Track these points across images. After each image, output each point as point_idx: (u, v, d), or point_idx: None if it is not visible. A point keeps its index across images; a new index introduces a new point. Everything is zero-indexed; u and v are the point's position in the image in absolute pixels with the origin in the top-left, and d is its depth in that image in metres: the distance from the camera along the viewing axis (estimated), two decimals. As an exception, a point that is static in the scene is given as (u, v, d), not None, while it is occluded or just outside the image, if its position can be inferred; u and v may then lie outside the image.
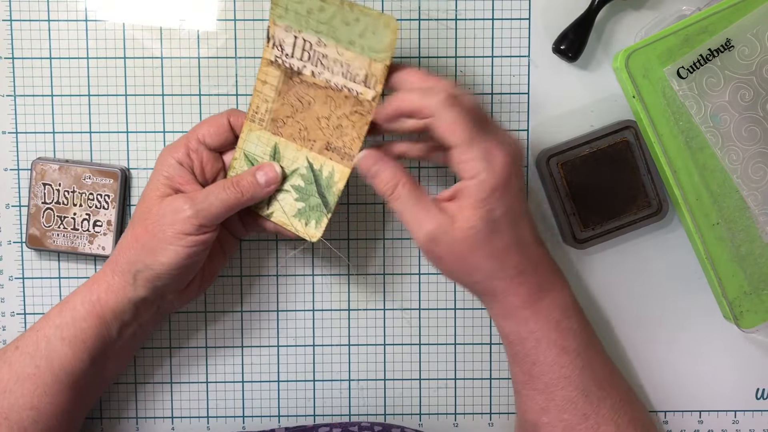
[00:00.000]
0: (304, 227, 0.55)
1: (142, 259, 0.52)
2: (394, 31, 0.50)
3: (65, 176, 0.60)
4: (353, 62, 0.52)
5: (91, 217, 0.60)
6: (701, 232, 0.59)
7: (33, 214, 0.60)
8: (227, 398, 0.63)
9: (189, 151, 0.54)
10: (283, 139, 0.55)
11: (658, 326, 0.63)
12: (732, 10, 0.57)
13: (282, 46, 0.53)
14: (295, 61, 0.53)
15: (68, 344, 0.53)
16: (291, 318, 0.63)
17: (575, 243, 0.60)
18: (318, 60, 0.53)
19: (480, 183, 0.49)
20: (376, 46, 0.51)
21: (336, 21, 0.51)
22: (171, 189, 0.54)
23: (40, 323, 0.54)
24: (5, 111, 0.61)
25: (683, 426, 0.63)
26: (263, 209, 0.56)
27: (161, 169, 0.54)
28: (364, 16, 0.50)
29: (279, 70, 0.54)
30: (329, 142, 0.54)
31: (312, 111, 0.54)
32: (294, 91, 0.54)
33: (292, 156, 0.55)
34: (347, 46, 0.51)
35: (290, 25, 0.53)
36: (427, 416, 0.63)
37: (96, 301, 0.53)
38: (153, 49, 0.61)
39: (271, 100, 0.54)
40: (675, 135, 0.58)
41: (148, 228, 0.52)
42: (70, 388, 0.54)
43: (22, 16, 0.60)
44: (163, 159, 0.54)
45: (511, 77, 0.61)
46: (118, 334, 0.55)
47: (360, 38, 0.51)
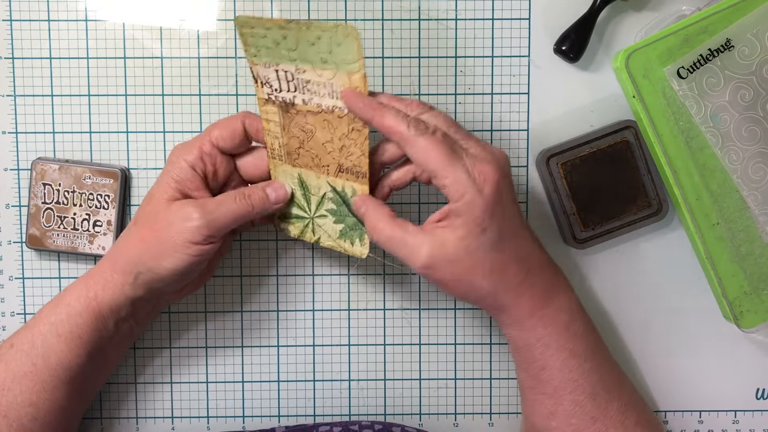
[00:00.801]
0: (351, 246, 0.55)
1: (146, 262, 0.52)
2: (356, 38, 0.48)
3: (65, 176, 0.60)
4: (334, 80, 0.51)
5: (91, 217, 0.60)
6: (701, 232, 0.59)
7: (33, 214, 0.60)
8: (227, 398, 0.63)
9: (202, 154, 0.53)
10: (303, 170, 0.55)
11: (658, 326, 0.63)
12: (732, 10, 0.57)
13: (269, 82, 0.53)
14: (286, 94, 0.53)
15: (64, 341, 0.53)
16: (291, 318, 0.63)
17: (575, 243, 0.60)
18: (304, 87, 0.52)
19: (468, 204, 0.48)
20: (346, 58, 0.49)
21: (302, 44, 0.50)
22: (180, 193, 0.53)
23: (34, 321, 0.54)
24: (5, 111, 0.61)
25: (683, 426, 0.63)
26: (310, 237, 0.57)
27: (171, 171, 0.53)
28: (322, 31, 0.49)
29: (275, 106, 0.54)
30: (340, 164, 0.53)
31: (316, 138, 0.53)
32: (295, 123, 0.54)
33: (316, 183, 0.55)
34: (322, 66, 0.51)
35: (267, 60, 0.52)
36: (427, 416, 0.63)
37: (93, 297, 0.53)
38: (153, 49, 0.61)
39: (279, 135, 0.54)
40: (675, 135, 0.58)
41: (155, 232, 0.52)
42: (67, 383, 0.54)
43: (22, 16, 0.60)
44: (174, 161, 0.53)
45: (511, 77, 0.61)
46: (114, 329, 0.55)
47: (330, 54, 0.50)
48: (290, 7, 0.60)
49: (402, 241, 0.49)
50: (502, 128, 0.62)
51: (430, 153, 0.48)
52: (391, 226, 0.50)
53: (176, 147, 0.54)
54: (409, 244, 0.49)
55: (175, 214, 0.52)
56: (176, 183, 0.53)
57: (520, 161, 0.62)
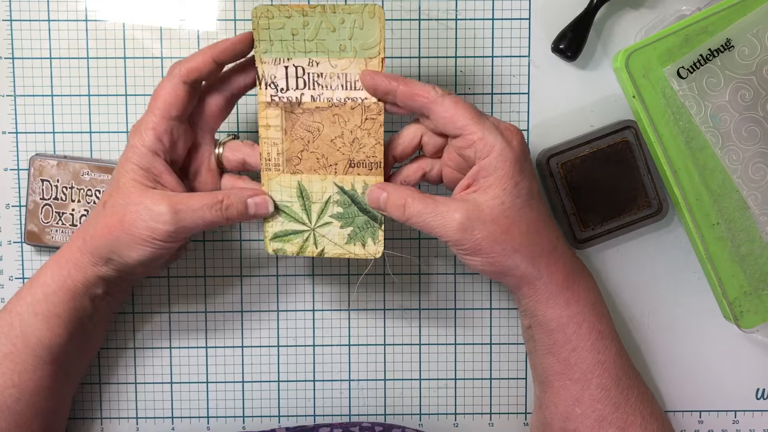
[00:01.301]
0: (363, 249, 0.54)
1: (113, 250, 0.52)
2: (381, 19, 0.50)
3: (63, 172, 0.60)
4: (349, 69, 0.51)
5: (90, 213, 0.60)
6: (701, 232, 0.59)
7: (31, 210, 0.60)
8: (227, 398, 0.63)
9: (158, 134, 0.51)
10: (304, 175, 0.53)
11: (658, 326, 0.63)
12: (732, 10, 0.57)
13: (275, 82, 0.52)
14: (292, 93, 0.52)
15: (42, 319, 0.53)
16: (291, 318, 0.63)
17: (575, 243, 0.60)
18: (314, 82, 0.52)
19: (499, 156, 0.49)
20: (367, 42, 0.50)
21: (322, 32, 0.50)
22: (147, 179, 0.52)
23: (11, 303, 0.54)
24: (5, 111, 0.61)
25: (683, 426, 0.63)
26: (311, 251, 0.54)
27: (133, 158, 0.52)
28: (347, 14, 0.50)
29: (278, 108, 0.53)
30: (351, 159, 0.53)
31: (323, 136, 0.53)
32: (299, 124, 0.53)
33: (320, 187, 0.53)
34: (339, 54, 0.51)
35: (278, 56, 0.52)
36: (427, 416, 0.63)
37: (67, 275, 0.53)
38: (153, 49, 0.61)
39: (280, 141, 0.53)
40: (675, 135, 0.58)
41: (123, 224, 0.51)
42: (50, 363, 0.54)
43: (22, 16, 0.60)
44: (134, 146, 0.52)
45: (511, 77, 0.61)
46: (91, 306, 0.55)
47: (350, 40, 0.50)
48: (290, 7, 0.60)
49: (434, 212, 0.49)
50: (502, 128, 0.62)
51: (459, 109, 0.49)
52: (421, 199, 0.50)
53: (132, 130, 0.53)
54: (441, 212, 0.49)
55: (146, 211, 0.51)
56: (141, 170, 0.52)
57: (520, 161, 0.62)
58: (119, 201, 0.51)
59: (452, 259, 0.62)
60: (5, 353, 0.53)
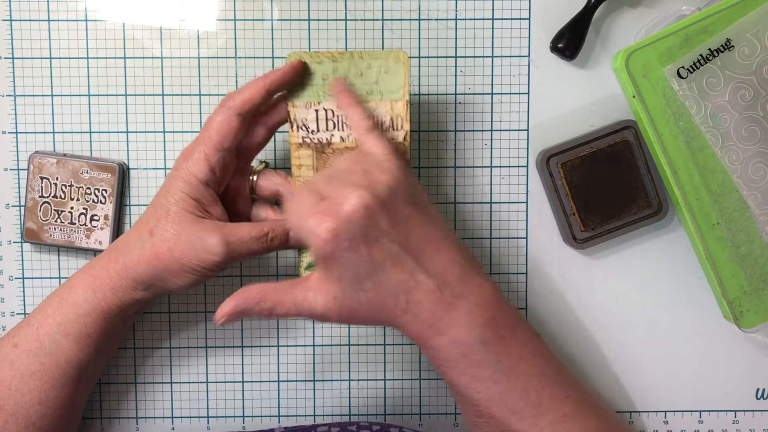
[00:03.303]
0: None
1: (159, 277, 0.53)
2: (406, 64, 0.53)
3: (63, 170, 0.60)
4: (376, 111, 0.54)
5: (89, 211, 0.60)
6: (701, 232, 0.59)
7: (30, 207, 0.60)
8: (227, 398, 0.63)
9: (211, 166, 0.53)
10: None
11: (657, 326, 0.63)
12: (732, 10, 0.57)
13: (306, 125, 0.54)
14: (323, 134, 0.54)
15: (73, 340, 0.53)
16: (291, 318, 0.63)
17: (575, 243, 0.60)
18: (343, 123, 0.54)
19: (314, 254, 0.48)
20: (392, 86, 0.53)
21: (351, 76, 0.53)
22: (198, 210, 0.53)
23: (36, 319, 0.54)
24: (5, 111, 0.61)
25: (683, 426, 0.63)
26: None
27: (185, 189, 0.53)
28: (374, 59, 0.53)
29: (309, 149, 0.55)
30: None
31: None
32: (330, 163, 0.55)
33: None
34: (366, 98, 0.54)
35: (309, 100, 0.54)
36: (427, 416, 0.63)
37: (102, 298, 0.53)
38: (153, 49, 0.61)
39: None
40: (675, 135, 0.58)
41: (174, 253, 0.52)
42: (75, 380, 0.54)
43: (22, 16, 0.60)
44: (184, 177, 0.53)
45: (511, 77, 0.61)
46: (121, 324, 0.56)
47: (376, 84, 0.53)
48: (290, 7, 0.60)
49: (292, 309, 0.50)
50: (502, 128, 0.62)
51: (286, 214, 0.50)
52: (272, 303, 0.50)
53: (181, 157, 0.54)
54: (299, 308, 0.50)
55: (199, 242, 0.52)
56: (192, 200, 0.53)
57: (520, 161, 0.62)
58: (170, 230, 0.52)
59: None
60: (33, 371, 0.53)
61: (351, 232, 0.46)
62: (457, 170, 0.62)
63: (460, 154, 0.62)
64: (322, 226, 0.46)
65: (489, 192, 0.62)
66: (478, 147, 0.62)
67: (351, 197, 0.46)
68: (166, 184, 0.54)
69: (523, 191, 0.62)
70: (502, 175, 0.62)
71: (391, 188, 0.48)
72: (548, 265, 0.62)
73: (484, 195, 0.62)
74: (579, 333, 0.63)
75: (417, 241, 0.48)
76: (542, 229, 0.62)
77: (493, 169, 0.62)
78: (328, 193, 0.47)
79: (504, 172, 0.62)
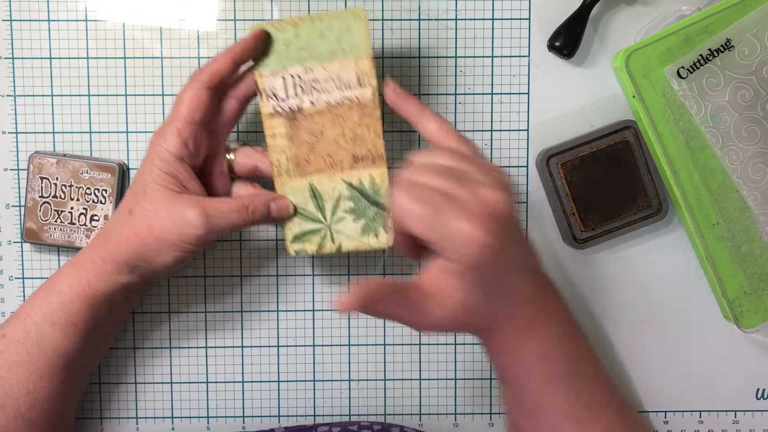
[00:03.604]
0: (377, 238, 0.55)
1: (141, 256, 0.52)
2: (365, 20, 0.53)
3: (63, 170, 0.60)
4: (341, 71, 0.54)
5: (88, 211, 0.60)
6: (701, 232, 0.59)
7: (30, 207, 0.60)
8: (227, 398, 0.63)
9: (183, 140, 0.53)
10: (314, 176, 0.55)
11: (657, 326, 0.63)
12: (732, 10, 0.57)
13: (275, 93, 0.55)
14: (293, 101, 0.55)
15: (59, 329, 0.53)
16: (291, 318, 0.63)
17: (575, 243, 0.60)
18: (311, 87, 0.54)
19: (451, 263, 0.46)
20: (354, 43, 0.53)
21: (312, 40, 0.54)
22: (175, 186, 0.53)
23: (24, 310, 0.54)
24: (5, 111, 0.61)
25: (683, 426, 0.63)
26: (330, 247, 0.56)
27: (161, 165, 0.53)
28: (332, 19, 0.53)
29: (281, 117, 0.55)
30: (354, 155, 0.55)
31: (326, 137, 0.55)
32: (303, 128, 0.55)
33: (330, 186, 0.55)
34: (330, 58, 0.54)
35: (275, 68, 0.54)
36: (427, 416, 0.63)
37: (86, 285, 0.53)
38: (153, 49, 0.61)
39: (287, 147, 0.55)
40: (675, 135, 0.58)
41: (153, 230, 0.52)
42: (64, 370, 0.54)
43: (22, 16, 0.60)
44: (159, 154, 0.53)
45: (511, 77, 0.61)
46: (108, 314, 0.55)
47: (338, 43, 0.54)
48: (290, 7, 0.60)
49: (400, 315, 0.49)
50: (502, 128, 0.62)
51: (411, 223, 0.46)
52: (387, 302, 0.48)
53: (155, 136, 0.54)
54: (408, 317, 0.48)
55: (178, 216, 0.52)
56: (168, 175, 0.53)
57: (520, 161, 0.62)
58: (147, 207, 0.52)
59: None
60: (20, 361, 0.53)
61: (504, 232, 0.45)
62: (457, 170, 0.62)
63: (460, 154, 0.62)
64: (476, 227, 0.44)
65: (489, 192, 0.62)
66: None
67: (500, 197, 0.45)
68: (142, 165, 0.54)
69: (523, 191, 0.62)
70: (502, 175, 0.62)
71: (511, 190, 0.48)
72: (548, 265, 0.62)
73: (484, 195, 0.62)
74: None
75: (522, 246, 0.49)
76: (542, 229, 0.62)
77: (493, 169, 0.62)
78: (461, 195, 0.45)
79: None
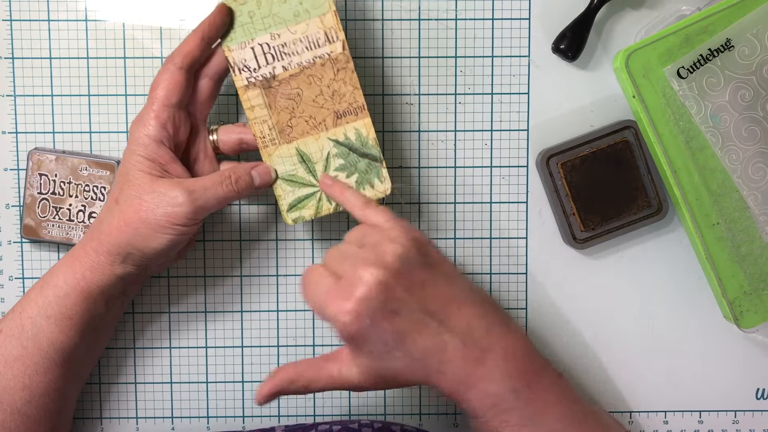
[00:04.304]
0: (373, 189, 0.57)
1: (132, 244, 0.52)
2: None
3: (62, 167, 0.60)
4: (308, 31, 0.55)
5: (87, 208, 0.60)
6: (701, 232, 0.59)
7: (28, 204, 0.60)
8: (227, 398, 0.63)
9: (161, 124, 0.53)
10: (300, 140, 0.56)
11: (658, 326, 0.63)
12: (732, 10, 0.57)
13: (246, 65, 0.55)
14: (265, 69, 0.55)
15: (54, 322, 0.53)
16: (291, 318, 0.63)
17: (575, 243, 0.60)
18: (281, 53, 0.55)
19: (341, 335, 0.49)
20: (316, 2, 0.54)
21: (275, 5, 0.54)
22: (156, 170, 0.53)
23: (20, 305, 0.54)
24: (5, 111, 0.61)
25: (683, 426, 0.63)
26: (327, 209, 0.57)
27: (138, 150, 0.53)
28: None
29: (257, 87, 0.55)
30: (336, 111, 0.56)
31: (305, 99, 0.56)
32: (280, 95, 0.55)
33: (316, 146, 0.56)
34: (296, 20, 0.54)
35: (242, 41, 0.55)
36: (427, 416, 0.63)
37: (81, 278, 0.53)
38: (153, 49, 0.61)
39: (268, 117, 0.56)
40: (675, 135, 0.58)
41: (140, 214, 0.52)
42: (60, 365, 0.54)
43: (22, 16, 0.60)
44: (138, 139, 0.53)
45: (511, 77, 0.61)
46: (105, 307, 0.55)
47: (301, 5, 0.54)
48: (290, 7, 0.60)
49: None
50: (502, 128, 0.62)
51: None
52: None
53: (133, 124, 0.54)
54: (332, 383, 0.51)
55: (162, 197, 0.52)
56: (148, 160, 0.53)
57: (520, 161, 0.62)
58: (132, 194, 0.53)
59: (452, 258, 0.62)
60: (16, 356, 0.53)
61: (371, 309, 0.47)
62: (457, 170, 0.62)
63: (460, 154, 0.62)
64: (341, 310, 0.47)
65: (489, 192, 0.62)
66: (478, 147, 0.62)
67: (364, 276, 0.47)
68: (124, 154, 0.54)
69: (523, 191, 0.62)
70: (502, 175, 0.62)
71: (401, 257, 0.49)
72: (548, 265, 0.62)
73: (484, 195, 0.62)
74: (579, 333, 0.63)
75: (437, 304, 0.49)
76: (542, 229, 0.62)
77: (493, 169, 0.62)
78: (341, 273, 0.49)
79: (504, 172, 0.62)
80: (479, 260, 0.62)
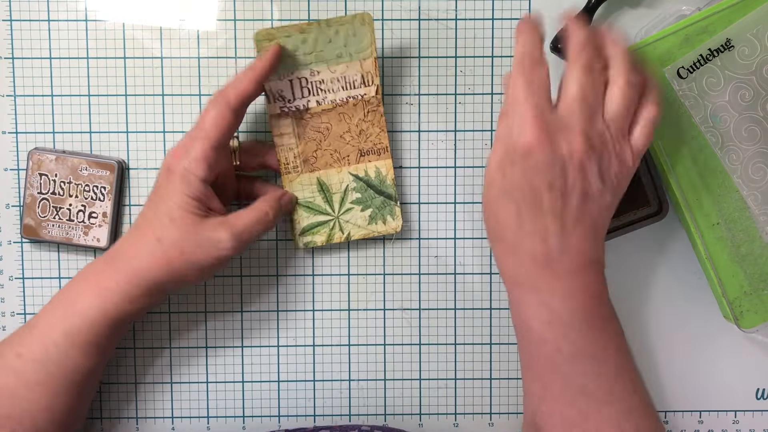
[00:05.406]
0: (385, 225, 0.60)
1: (174, 281, 0.53)
2: (371, 25, 0.56)
3: (62, 167, 0.60)
4: (347, 72, 0.57)
5: (87, 208, 0.60)
6: (701, 232, 0.59)
7: (28, 204, 0.60)
8: (227, 398, 0.63)
9: (209, 165, 0.53)
10: (322, 171, 0.59)
11: (657, 326, 0.63)
12: (732, 10, 0.57)
13: (282, 95, 0.57)
14: (299, 101, 0.57)
15: (82, 351, 0.53)
16: (291, 318, 0.63)
17: (575, 243, 0.60)
18: (317, 89, 0.57)
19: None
20: (360, 46, 0.56)
21: (320, 44, 0.56)
22: (200, 210, 0.53)
23: (43, 327, 0.53)
24: (5, 111, 0.61)
25: (683, 426, 0.63)
26: (339, 237, 0.60)
27: (186, 190, 0.53)
28: (341, 25, 0.55)
29: (288, 117, 0.57)
30: (360, 149, 0.59)
31: (333, 133, 0.58)
32: (310, 127, 0.58)
33: (337, 179, 0.59)
34: (337, 61, 0.56)
35: (282, 72, 0.56)
36: (427, 416, 0.63)
37: (112, 307, 0.53)
38: (153, 49, 0.61)
39: (295, 146, 0.58)
40: (675, 135, 0.58)
41: (186, 257, 0.52)
42: (81, 386, 0.54)
43: (22, 16, 0.60)
44: (183, 177, 0.52)
45: (511, 77, 0.61)
46: (127, 329, 0.57)
47: (345, 47, 0.56)
48: (290, 7, 0.60)
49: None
50: (502, 128, 0.62)
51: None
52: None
53: (175, 157, 0.53)
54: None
55: (208, 240, 0.53)
56: (194, 201, 0.53)
57: (520, 161, 0.62)
58: (177, 234, 0.53)
59: (452, 259, 0.62)
60: (38, 381, 0.53)
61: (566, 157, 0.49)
62: (457, 170, 0.62)
63: (460, 154, 0.62)
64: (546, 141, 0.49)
65: (489, 192, 0.62)
66: (478, 147, 0.62)
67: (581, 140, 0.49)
68: (164, 186, 0.53)
69: (523, 191, 0.62)
70: (502, 175, 0.62)
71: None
72: (548, 265, 0.62)
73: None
74: (579, 333, 0.63)
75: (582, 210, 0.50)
76: (542, 229, 0.62)
77: (493, 169, 0.62)
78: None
79: (504, 172, 0.62)
80: (479, 260, 0.62)
